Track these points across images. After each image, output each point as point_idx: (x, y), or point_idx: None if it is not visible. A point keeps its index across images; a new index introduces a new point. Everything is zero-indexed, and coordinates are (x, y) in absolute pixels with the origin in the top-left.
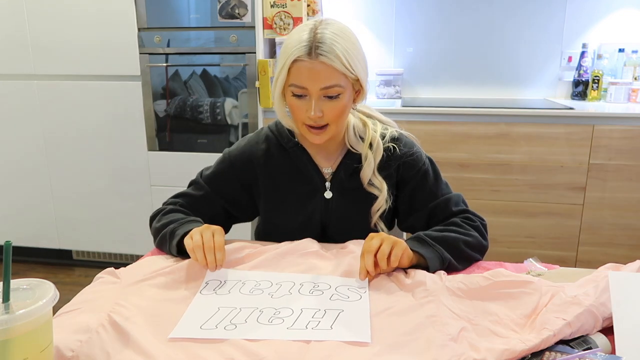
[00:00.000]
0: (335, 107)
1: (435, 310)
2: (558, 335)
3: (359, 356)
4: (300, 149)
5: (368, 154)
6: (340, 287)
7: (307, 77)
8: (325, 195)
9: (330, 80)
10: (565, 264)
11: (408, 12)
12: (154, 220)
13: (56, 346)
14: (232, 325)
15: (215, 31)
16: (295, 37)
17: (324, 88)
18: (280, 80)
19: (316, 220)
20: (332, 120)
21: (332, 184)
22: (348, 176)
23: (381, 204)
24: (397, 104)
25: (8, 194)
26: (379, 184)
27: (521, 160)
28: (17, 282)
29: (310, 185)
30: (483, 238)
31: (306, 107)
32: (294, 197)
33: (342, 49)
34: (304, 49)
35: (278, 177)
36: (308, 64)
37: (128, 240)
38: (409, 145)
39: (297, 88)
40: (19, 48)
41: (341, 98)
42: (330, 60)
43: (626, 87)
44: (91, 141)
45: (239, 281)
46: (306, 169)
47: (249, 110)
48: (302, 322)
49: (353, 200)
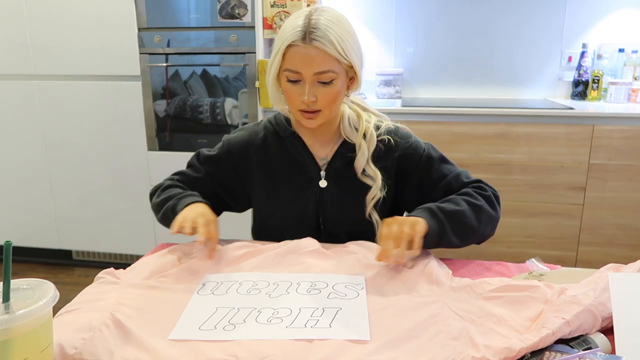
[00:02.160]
0: (328, 93)
1: (439, 310)
2: (557, 334)
3: (361, 353)
4: (296, 138)
5: (362, 144)
6: (338, 285)
7: (301, 62)
8: (320, 184)
9: (324, 65)
10: (565, 264)
11: (408, 12)
12: (154, 196)
13: (59, 344)
14: (231, 326)
15: (215, 31)
16: (290, 24)
17: (317, 73)
18: (275, 64)
19: (311, 209)
20: (325, 105)
21: (327, 173)
22: (343, 166)
23: (375, 193)
24: (397, 104)
25: (8, 194)
26: (372, 174)
27: (521, 160)
28: (17, 282)
29: (305, 174)
30: (493, 209)
31: (300, 92)
32: (289, 185)
33: (336, 35)
34: (299, 34)
35: (274, 165)
36: (302, 49)
37: (128, 240)
38: (405, 136)
39: (291, 73)
40: (19, 48)
41: (334, 84)
42: (324, 46)
43: (626, 87)
44: (91, 141)
45: (235, 282)
46: (302, 157)
47: (249, 110)
48: (301, 321)
49: (347, 189)
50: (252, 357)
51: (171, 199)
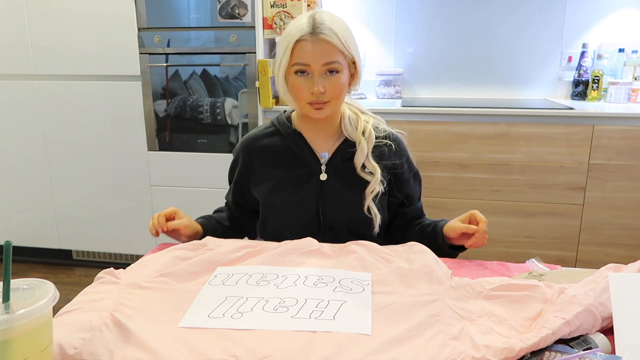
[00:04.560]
0: (336, 83)
1: (438, 310)
2: (557, 334)
3: (361, 353)
4: (298, 135)
5: (361, 140)
6: (344, 280)
7: (310, 53)
8: (320, 178)
9: (331, 56)
10: (565, 264)
11: (408, 12)
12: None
13: (59, 344)
14: (238, 314)
15: (215, 31)
16: (295, 23)
17: (325, 64)
18: (284, 62)
19: (311, 202)
20: (334, 95)
21: (328, 167)
22: (343, 161)
23: (374, 187)
24: (397, 104)
25: (8, 194)
26: (372, 168)
27: (521, 160)
28: (17, 282)
29: (306, 168)
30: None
31: (309, 85)
32: (290, 178)
33: (339, 30)
34: (306, 29)
35: (275, 160)
36: (310, 42)
37: (128, 240)
38: (404, 150)
39: (301, 65)
40: (19, 48)
41: (340, 75)
42: (331, 38)
43: (626, 87)
44: (91, 141)
45: (246, 274)
46: (303, 153)
47: (249, 110)
48: (306, 311)
49: (347, 183)
50: (252, 357)
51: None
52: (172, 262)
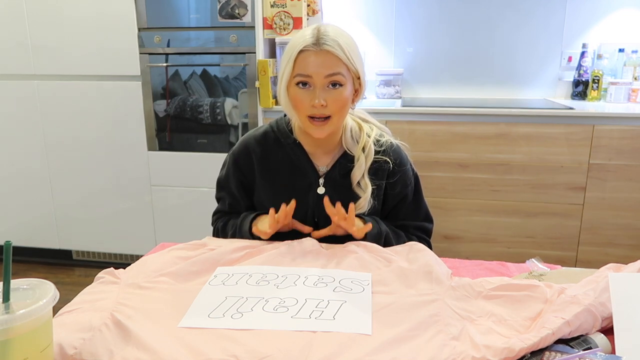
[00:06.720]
0: (338, 98)
1: (438, 310)
2: (557, 334)
3: (361, 353)
4: (298, 146)
5: (360, 157)
6: (344, 280)
7: (313, 65)
8: (318, 191)
9: (334, 67)
10: (565, 264)
11: (408, 12)
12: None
13: (59, 344)
14: (238, 314)
15: (215, 31)
16: (299, 35)
17: (328, 75)
18: (287, 73)
19: (309, 216)
20: (335, 111)
21: (325, 181)
22: (341, 176)
23: (361, 205)
24: (397, 104)
25: (8, 194)
26: (364, 186)
27: (521, 160)
28: (17, 282)
29: (304, 181)
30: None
31: (310, 97)
32: (288, 189)
33: (343, 42)
34: (310, 40)
35: (274, 170)
36: (313, 53)
37: (128, 240)
38: (402, 164)
39: (303, 77)
40: (19, 48)
41: (343, 89)
42: (334, 50)
43: (626, 87)
44: (91, 141)
45: (246, 274)
46: (302, 165)
47: (249, 110)
48: (306, 311)
49: (343, 197)
50: (252, 357)
51: (235, 233)
52: (172, 262)
